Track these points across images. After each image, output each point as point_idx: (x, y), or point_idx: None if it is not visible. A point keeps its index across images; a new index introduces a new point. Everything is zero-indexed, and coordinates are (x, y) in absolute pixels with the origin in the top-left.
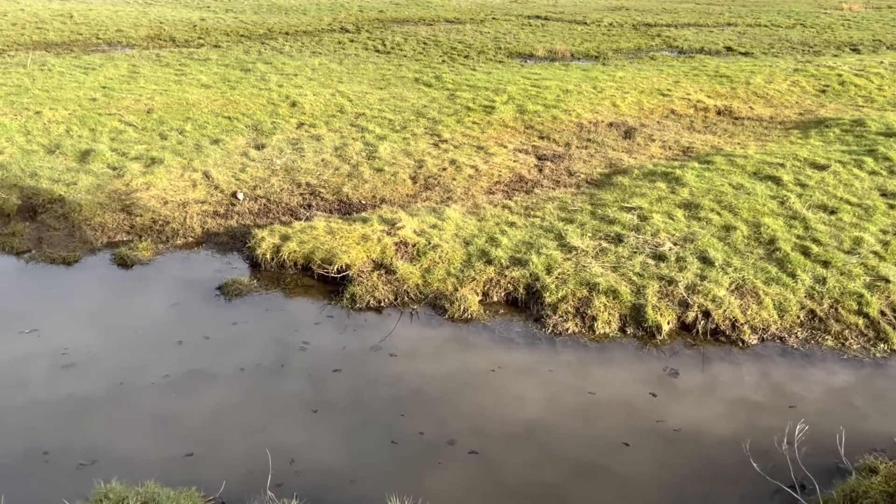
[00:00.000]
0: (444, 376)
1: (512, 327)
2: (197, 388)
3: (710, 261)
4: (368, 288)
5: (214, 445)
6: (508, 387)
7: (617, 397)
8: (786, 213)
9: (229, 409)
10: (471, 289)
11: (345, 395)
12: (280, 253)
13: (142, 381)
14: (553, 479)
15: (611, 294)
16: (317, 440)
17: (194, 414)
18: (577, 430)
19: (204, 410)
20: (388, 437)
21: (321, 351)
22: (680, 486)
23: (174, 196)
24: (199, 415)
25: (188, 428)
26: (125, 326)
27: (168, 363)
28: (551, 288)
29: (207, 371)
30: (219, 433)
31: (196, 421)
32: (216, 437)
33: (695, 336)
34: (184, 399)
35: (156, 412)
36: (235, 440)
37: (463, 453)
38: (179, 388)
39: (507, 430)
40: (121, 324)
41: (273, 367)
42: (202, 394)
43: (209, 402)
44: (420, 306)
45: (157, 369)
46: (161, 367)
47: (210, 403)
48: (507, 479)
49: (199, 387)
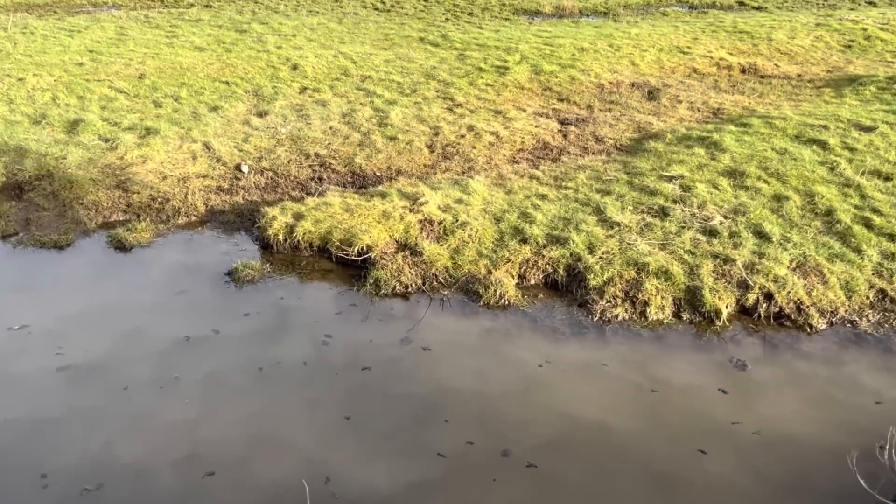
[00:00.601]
0: (486, 374)
1: (554, 314)
2: (211, 392)
3: (766, 235)
4: (393, 272)
5: (237, 462)
6: (560, 385)
7: (683, 396)
8: (838, 181)
9: (251, 418)
10: (506, 271)
11: (378, 398)
12: (294, 233)
13: (149, 386)
14: (627, 498)
15: (662, 275)
16: (353, 454)
17: (211, 424)
18: (645, 437)
19: (222, 420)
20: (433, 448)
21: (346, 345)
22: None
23: (173, 170)
24: (217, 425)
25: (206, 441)
26: (126, 320)
27: (176, 363)
28: (595, 269)
29: (221, 372)
30: (241, 447)
31: (214, 432)
32: (239, 452)
33: (756, 321)
34: (198, 406)
35: (167, 423)
36: (261, 455)
37: (520, 467)
38: (192, 392)
39: (565, 438)
40: (121, 317)
41: (294, 366)
42: (218, 400)
43: (227, 410)
44: (451, 292)
45: (165, 370)
46: (169, 367)
47: (228, 411)
48: (574, 499)
49: (214, 391)
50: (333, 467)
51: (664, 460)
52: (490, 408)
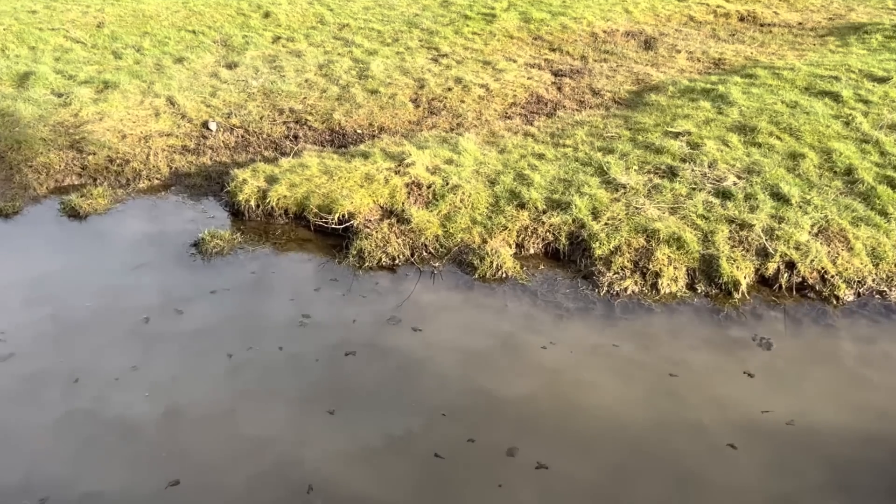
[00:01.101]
0: (485, 359)
1: (557, 288)
2: (174, 384)
3: (784, 197)
4: (378, 242)
5: (206, 469)
6: (568, 371)
7: (706, 380)
8: (855, 136)
9: (221, 415)
10: (502, 240)
11: (365, 388)
12: (267, 199)
13: (102, 377)
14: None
15: (674, 243)
16: (339, 456)
17: (175, 423)
18: (667, 430)
19: (188, 417)
20: (429, 447)
21: (327, 327)
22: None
23: (133, 128)
24: (182, 424)
25: (169, 444)
26: (78, 299)
27: (135, 350)
28: (601, 237)
29: (186, 360)
30: (210, 450)
31: (178, 433)
32: (207, 456)
33: (777, 293)
34: (159, 402)
35: (124, 422)
36: (233, 459)
37: (528, 468)
38: (151, 385)
39: (577, 433)
40: (72, 295)
41: (269, 352)
42: (183, 393)
43: (193, 406)
44: (442, 264)
45: (121, 359)
46: (125, 355)
47: (194, 407)
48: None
49: (178, 383)
50: (316, 473)
51: (690, 458)
52: (491, 398)
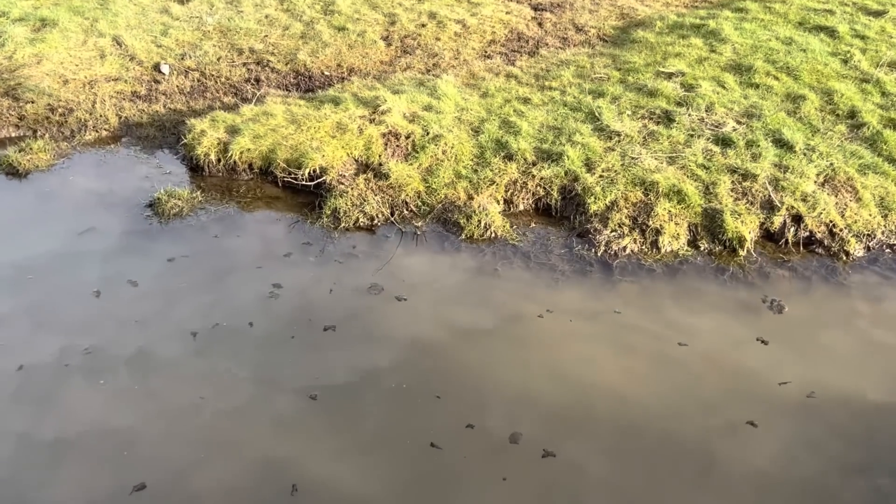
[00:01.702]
0: (477, 330)
1: (551, 248)
2: (131, 369)
3: (786, 144)
4: (355, 200)
5: (174, 470)
6: (568, 342)
7: (718, 349)
8: (854, 75)
9: (188, 404)
10: (489, 196)
11: (349, 368)
12: (229, 153)
13: (50, 364)
14: (670, 493)
15: (674, 196)
16: (325, 448)
17: (138, 415)
18: (681, 407)
19: (150, 408)
20: (424, 436)
21: (301, 298)
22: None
23: (76, 72)
24: (145, 416)
25: (132, 440)
26: (17, 270)
27: (85, 330)
28: (596, 191)
29: (144, 340)
30: (178, 447)
31: (142, 427)
32: (175, 456)
33: (784, 248)
34: (116, 390)
35: (79, 415)
36: (204, 456)
37: (534, 456)
38: (106, 371)
39: (584, 414)
40: (10, 266)
41: (238, 329)
42: (141, 379)
43: (155, 394)
44: (425, 223)
45: (70, 340)
46: (74, 336)
47: (156, 395)
48: (606, 496)
49: (135, 367)
50: (301, 469)
51: (708, 439)
52: (488, 376)
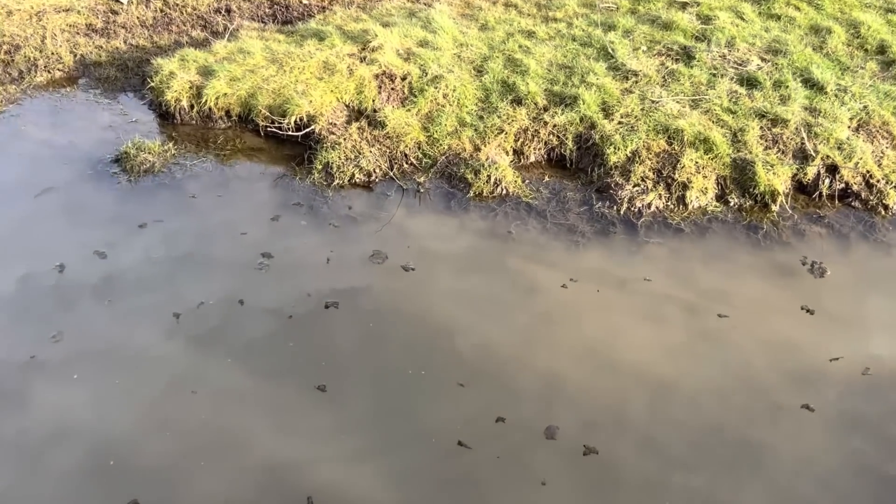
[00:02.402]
0: (496, 305)
1: (568, 206)
2: (107, 360)
3: (816, 84)
4: (349, 152)
5: (165, 479)
6: (597, 315)
7: (761, 321)
8: (879, 4)
9: (173, 400)
10: (498, 146)
11: (359, 352)
12: (203, 98)
13: (13, 357)
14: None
15: (701, 146)
16: (338, 451)
17: (113, 413)
18: (728, 390)
19: (129, 405)
20: (450, 433)
21: (295, 269)
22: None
23: (21, 1)
24: (123, 414)
25: (109, 443)
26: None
27: (49, 311)
28: (616, 140)
29: (117, 322)
30: (168, 453)
31: (120, 427)
32: (165, 464)
33: (818, 202)
34: (91, 387)
35: (49, 418)
36: (199, 464)
37: (575, 454)
38: (79, 363)
39: (624, 402)
40: None
41: (227, 309)
42: (118, 371)
43: (134, 387)
44: (428, 178)
45: (35, 325)
46: (39, 318)
47: (136, 389)
48: (652, 498)
49: (109, 360)
50: (312, 478)
51: (759, 425)
52: (513, 359)
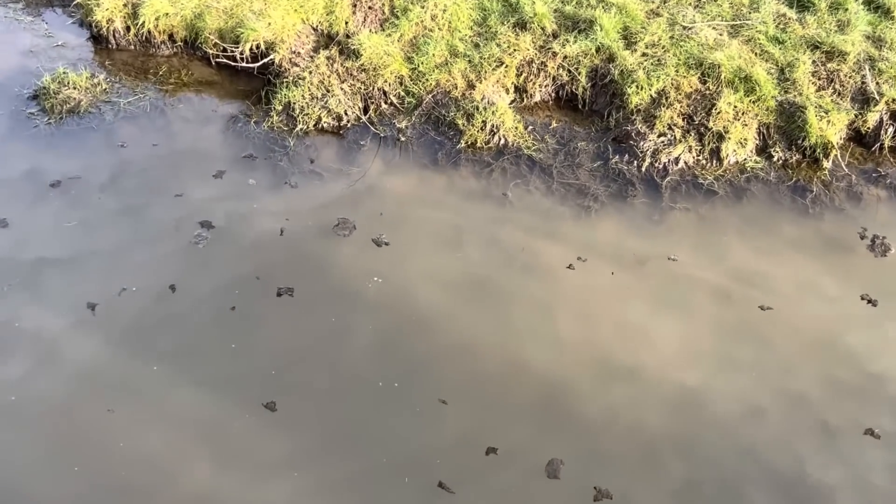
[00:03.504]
0: (487, 290)
1: (579, 160)
2: (5, 367)
3: (882, 6)
4: (314, 89)
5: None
6: (611, 306)
7: (812, 315)
8: None
9: (90, 424)
10: (496, 83)
11: (315, 356)
12: (140, 19)
13: None
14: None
15: (741, 85)
16: (291, 494)
17: (22, 457)
18: (774, 412)
19: (29, 437)
20: (429, 471)
21: (240, 244)
22: None
23: None
24: (21, 446)
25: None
26: None
27: None
28: (639, 77)
29: (19, 318)
30: (76, 496)
31: (15, 466)
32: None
33: (878, 157)
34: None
35: None
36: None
37: (584, 498)
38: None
39: (642, 424)
40: None
41: (155, 297)
42: (19, 386)
43: (34, 412)
44: (411, 123)
45: None
46: None
47: (37, 413)
48: None
49: (12, 364)
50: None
51: (811, 458)
52: (508, 366)
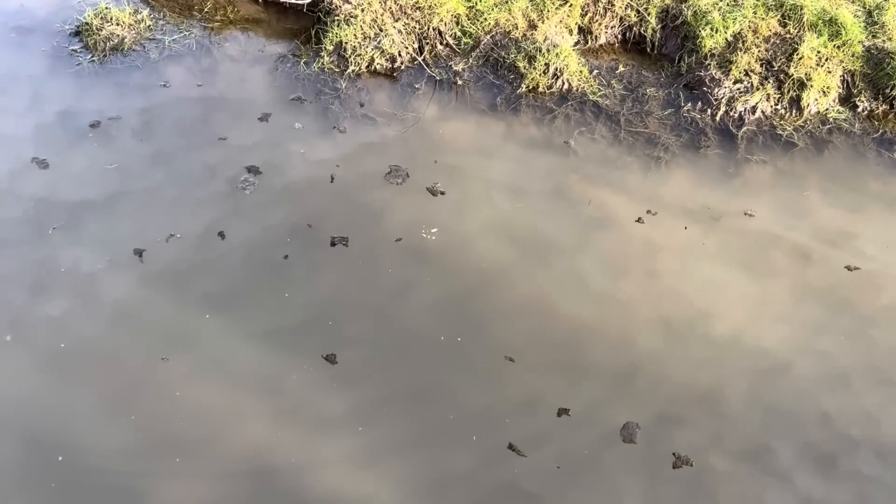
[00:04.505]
0: (549, 245)
1: (648, 108)
2: (52, 321)
3: None
4: (368, 29)
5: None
6: (684, 263)
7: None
8: None
9: (144, 373)
10: (560, 23)
11: (373, 308)
12: None
13: None
14: None
15: (825, 29)
16: (352, 451)
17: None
18: (868, 380)
19: (82, 389)
20: (498, 432)
21: (289, 190)
22: None
23: None
24: (75, 398)
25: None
26: None
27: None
28: (714, 19)
29: (64, 262)
30: (131, 447)
31: (70, 416)
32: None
33: None
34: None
35: None
36: (174, 458)
37: (662, 464)
38: (20, 328)
39: (721, 390)
40: None
41: (204, 243)
42: (63, 335)
43: (86, 358)
44: (468, 66)
45: None
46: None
47: (89, 358)
48: None
49: (58, 313)
50: (318, 485)
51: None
52: (574, 323)
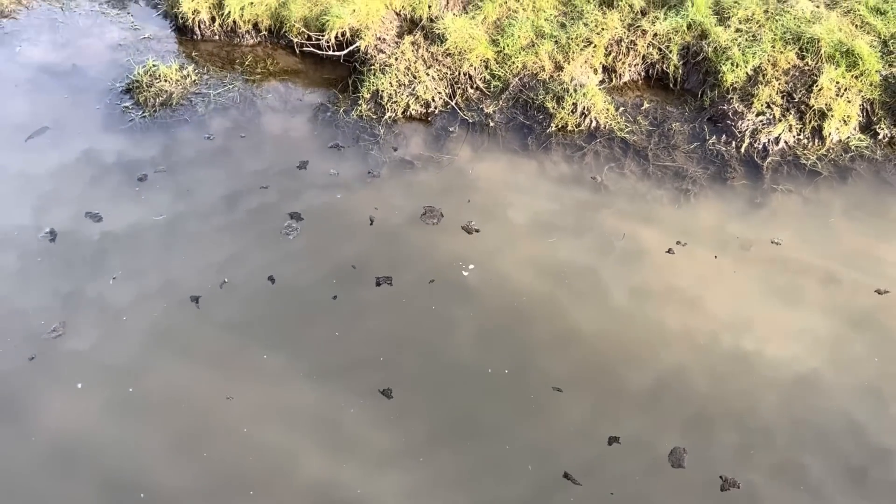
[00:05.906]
0: (584, 276)
1: (674, 142)
2: (114, 361)
3: None
4: (401, 76)
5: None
6: (716, 292)
7: None
8: None
9: (211, 412)
10: (584, 63)
11: (421, 343)
12: (225, 9)
13: None
14: None
15: (842, 60)
16: (410, 485)
17: (135, 436)
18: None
19: (153, 426)
20: (552, 460)
21: (331, 234)
22: None
23: None
24: (147, 436)
25: (137, 478)
26: None
27: (41, 303)
28: (734, 54)
29: (127, 311)
30: (203, 478)
31: (142, 458)
32: (197, 488)
33: None
34: (105, 401)
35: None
36: (243, 488)
37: (711, 488)
38: (83, 371)
39: (763, 412)
40: None
41: (253, 286)
42: (136, 378)
43: (156, 402)
44: (498, 107)
45: (26, 322)
46: (30, 316)
47: (159, 402)
48: None
49: (119, 359)
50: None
51: None
52: (615, 352)
